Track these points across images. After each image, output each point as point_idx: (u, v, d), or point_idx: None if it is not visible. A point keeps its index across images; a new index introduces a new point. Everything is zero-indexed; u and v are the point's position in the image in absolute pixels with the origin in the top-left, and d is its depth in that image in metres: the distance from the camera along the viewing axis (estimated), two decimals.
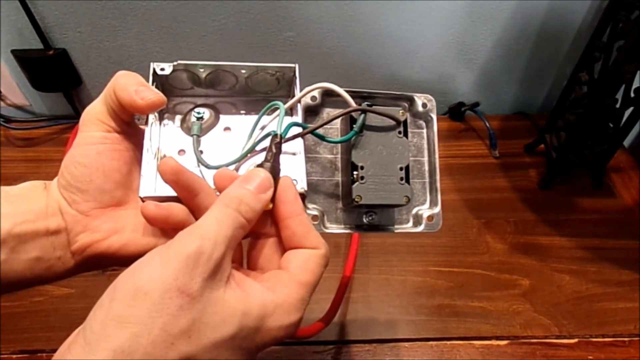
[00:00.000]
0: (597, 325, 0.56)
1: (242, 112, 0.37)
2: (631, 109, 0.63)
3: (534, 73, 0.80)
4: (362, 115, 0.32)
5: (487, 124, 0.77)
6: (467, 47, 0.75)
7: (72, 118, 0.77)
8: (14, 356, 0.51)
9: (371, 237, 0.63)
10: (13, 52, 0.70)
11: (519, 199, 0.70)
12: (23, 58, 0.70)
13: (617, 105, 0.62)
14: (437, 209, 0.35)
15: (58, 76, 0.73)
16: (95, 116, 0.31)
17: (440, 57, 0.76)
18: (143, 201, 0.30)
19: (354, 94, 0.33)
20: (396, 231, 0.35)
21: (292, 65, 0.35)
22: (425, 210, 0.35)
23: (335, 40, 0.73)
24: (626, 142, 0.78)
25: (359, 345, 0.54)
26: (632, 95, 0.61)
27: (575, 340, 0.55)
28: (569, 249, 0.64)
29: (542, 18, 0.72)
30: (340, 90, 0.32)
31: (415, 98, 0.35)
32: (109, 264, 0.31)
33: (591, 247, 0.64)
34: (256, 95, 0.37)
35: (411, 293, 0.59)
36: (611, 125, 0.65)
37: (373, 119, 0.33)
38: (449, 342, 0.54)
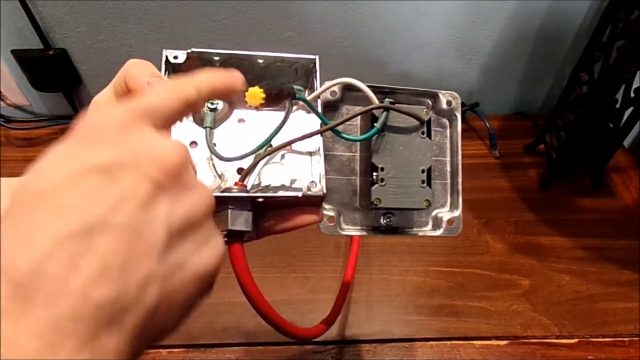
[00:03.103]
0: (597, 325, 0.56)
1: None
2: (631, 109, 0.63)
3: (534, 73, 0.80)
4: (385, 113, 0.31)
5: (487, 124, 0.77)
6: (467, 47, 0.75)
7: (72, 118, 0.77)
8: None
9: (373, 237, 0.63)
10: (13, 52, 0.70)
11: (519, 199, 0.70)
12: (23, 58, 0.70)
13: (617, 105, 0.62)
14: (458, 212, 0.34)
15: (58, 76, 0.73)
16: (103, 106, 0.29)
17: (440, 57, 0.76)
18: None
19: (375, 90, 0.32)
20: (414, 234, 0.34)
21: (313, 56, 0.33)
22: (445, 213, 0.34)
23: (335, 40, 0.73)
24: (626, 142, 0.78)
25: (359, 345, 0.54)
26: (632, 95, 0.61)
27: (575, 340, 0.55)
28: (569, 249, 0.64)
29: (542, 18, 0.72)
30: (363, 86, 0.31)
31: (440, 95, 0.34)
32: None
33: (591, 247, 0.64)
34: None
35: (411, 293, 0.59)
36: (611, 125, 0.65)
37: (395, 118, 0.31)
38: (449, 342, 0.54)
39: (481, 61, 0.78)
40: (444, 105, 0.34)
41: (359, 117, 0.33)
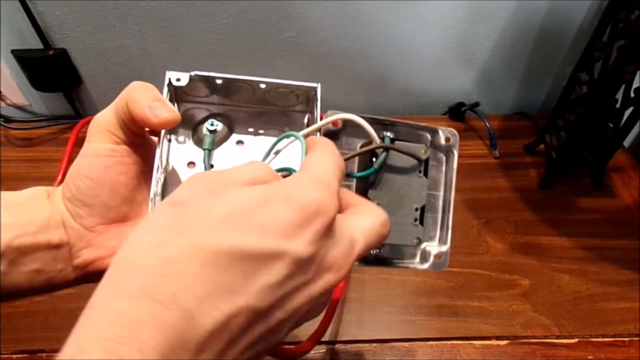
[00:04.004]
0: (597, 325, 0.56)
1: (257, 123, 0.36)
2: (631, 109, 0.63)
3: (534, 73, 0.80)
4: (384, 153, 0.31)
5: (487, 124, 0.77)
6: (467, 47, 0.75)
7: (72, 118, 0.77)
8: (14, 356, 0.51)
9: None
10: (13, 52, 0.70)
11: (519, 199, 0.70)
12: (23, 58, 0.70)
13: (617, 105, 0.62)
14: (446, 248, 0.34)
15: (58, 76, 0.73)
16: (104, 126, 0.29)
17: (440, 57, 0.76)
18: None
19: (375, 122, 0.32)
20: (402, 267, 0.34)
21: (314, 85, 0.34)
22: (433, 247, 0.34)
23: (335, 40, 0.73)
24: (626, 142, 0.78)
25: (359, 345, 0.54)
26: (632, 95, 0.61)
27: (575, 340, 0.55)
28: (569, 249, 0.64)
29: (542, 18, 0.72)
30: (364, 124, 0.30)
31: (440, 131, 0.34)
32: None
33: (591, 247, 0.64)
34: (273, 108, 0.36)
35: (411, 293, 0.59)
36: (611, 125, 0.65)
37: (394, 154, 0.32)
38: (449, 342, 0.54)
39: (481, 61, 0.78)
40: (442, 142, 0.34)
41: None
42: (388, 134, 0.32)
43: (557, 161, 0.69)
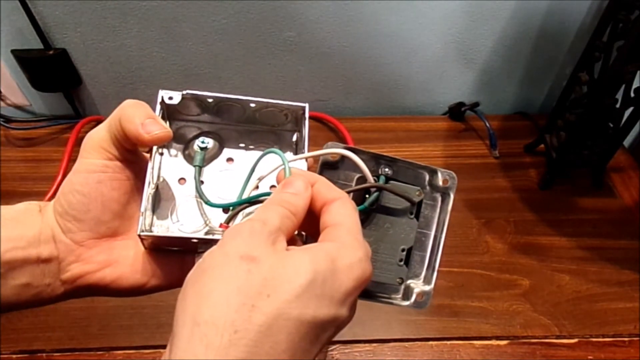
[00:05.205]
0: (597, 325, 0.56)
1: (247, 141, 0.37)
2: (631, 109, 0.63)
3: (534, 73, 0.80)
4: (377, 193, 0.31)
5: (487, 124, 0.77)
6: (467, 47, 0.75)
7: (72, 118, 0.77)
8: (14, 356, 0.51)
9: None
10: (13, 52, 0.70)
11: (519, 199, 0.70)
12: (23, 58, 0.70)
13: (617, 105, 0.62)
14: (429, 288, 0.34)
15: (58, 76, 0.73)
16: (98, 143, 0.30)
17: (440, 57, 0.76)
18: (141, 238, 0.30)
19: (375, 156, 0.31)
20: (383, 302, 0.34)
21: (303, 104, 0.35)
22: (417, 286, 0.34)
23: (335, 40, 0.73)
24: (626, 142, 0.78)
25: (359, 345, 0.54)
26: (632, 95, 0.61)
27: (575, 340, 0.55)
28: (569, 249, 0.64)
29: (542, 18, 0.72)
30: (359, 162, 0.30)
31: (439, 172, 0.34)
32: (100, 294, 0.31)
33: (591, 247, 0.64)
34: (262, 127, 0.37)
35: None
36: (611, 125, 0.65)
37: (387, 194, 0.32)
38: (449, 342, 0.54)
39: (481, 61, 0.78)
40: (440, 183, 0.34)
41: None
42: (386, 170, 0.32)
43: (557, 161, 0.69)
